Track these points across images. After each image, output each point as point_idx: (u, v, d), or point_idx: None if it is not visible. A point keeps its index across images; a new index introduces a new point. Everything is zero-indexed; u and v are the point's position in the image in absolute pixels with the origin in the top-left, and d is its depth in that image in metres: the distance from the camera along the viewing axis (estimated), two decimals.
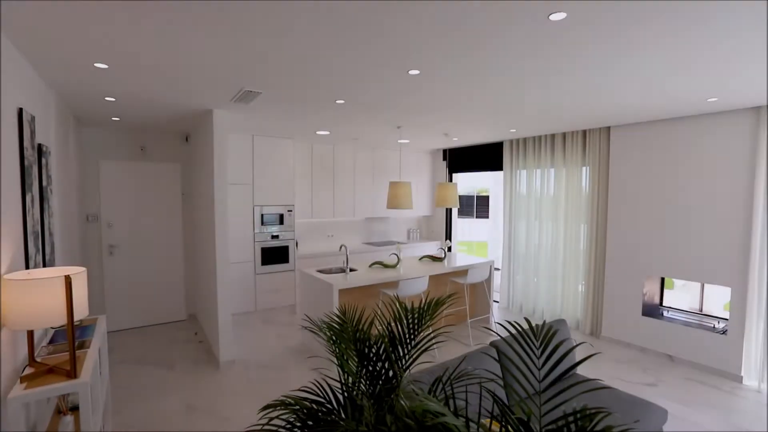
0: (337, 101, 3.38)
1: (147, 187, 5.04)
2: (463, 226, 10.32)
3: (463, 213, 8.90)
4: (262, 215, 5.39)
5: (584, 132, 4.88)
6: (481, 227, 10.71)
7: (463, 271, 4.99)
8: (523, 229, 5.72)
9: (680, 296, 4.74)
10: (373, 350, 1.49)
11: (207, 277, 4.40)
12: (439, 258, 5.18)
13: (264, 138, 5.36)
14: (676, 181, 4.09)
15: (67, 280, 1.75)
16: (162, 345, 4.47)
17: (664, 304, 4.57)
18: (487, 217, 10.22)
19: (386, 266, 4.70)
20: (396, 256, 4.84)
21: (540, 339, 1.17)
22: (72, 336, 1.78)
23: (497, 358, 2.52)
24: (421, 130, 4.98)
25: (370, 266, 4.73)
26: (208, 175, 4.12)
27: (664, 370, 3.90)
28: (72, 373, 1.79)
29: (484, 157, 6.36)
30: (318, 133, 5.16)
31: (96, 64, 2.41)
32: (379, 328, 1.63)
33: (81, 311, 1.87)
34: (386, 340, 1.45)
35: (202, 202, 4.56)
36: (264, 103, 3.49)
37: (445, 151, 7.16)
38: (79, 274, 1.86)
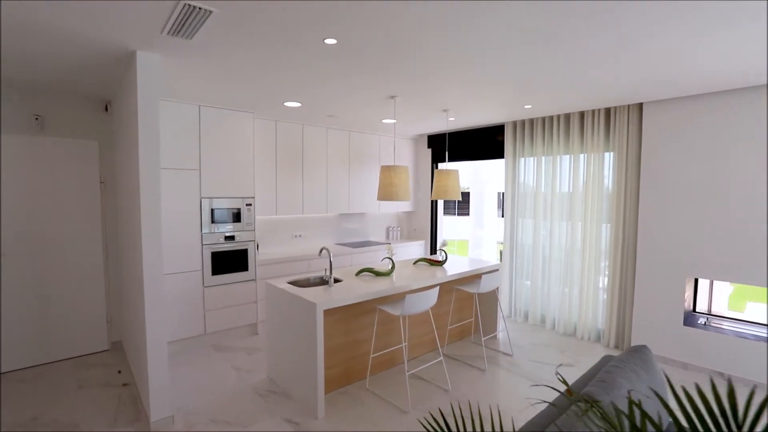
0: (327, 40, 2.32)
1: (48, 173, 3.67)
2: (445, 224, 9.54)
3: (445, 209, 8.10)
4: (212, 210, 4.17)
5: (608, 110, 4.15)
6: (464, 224, 9.96)
7: (469, 278, 4.11)
8: (529, 228, 4.92)
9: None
10: None
11: (134, 293, 3.16)
12: (437, 262, 4.26)
13: (215, 110, 4.12)
14: (726, 167, 3.43)
15: None
16: (68, 393, 3.16)
17: (697, 310, 3.95)
18: (468, 214, 9.48)
19: (378, 274, 3.69)
20: (390, 261, 3.84)
21: None
22: None
23: None
24: (416, 104, 4.00)
25: (357, 274, 3.71)
26: (133, 155, 2.90)
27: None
28: None
29: (478, 143, 5.51)
30: (286, 104, 4.03)
31: None
32: None
33: None
34: None
35: (127, 192, 3.30)
36: (215, 39, 2.36)
37: (430, 136, 6.25)
38: None
